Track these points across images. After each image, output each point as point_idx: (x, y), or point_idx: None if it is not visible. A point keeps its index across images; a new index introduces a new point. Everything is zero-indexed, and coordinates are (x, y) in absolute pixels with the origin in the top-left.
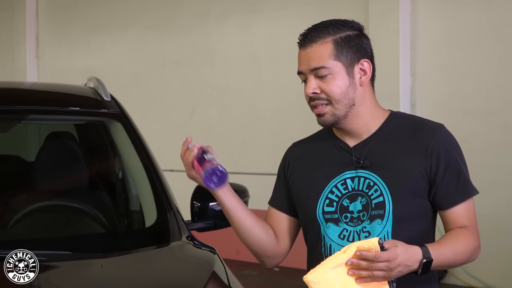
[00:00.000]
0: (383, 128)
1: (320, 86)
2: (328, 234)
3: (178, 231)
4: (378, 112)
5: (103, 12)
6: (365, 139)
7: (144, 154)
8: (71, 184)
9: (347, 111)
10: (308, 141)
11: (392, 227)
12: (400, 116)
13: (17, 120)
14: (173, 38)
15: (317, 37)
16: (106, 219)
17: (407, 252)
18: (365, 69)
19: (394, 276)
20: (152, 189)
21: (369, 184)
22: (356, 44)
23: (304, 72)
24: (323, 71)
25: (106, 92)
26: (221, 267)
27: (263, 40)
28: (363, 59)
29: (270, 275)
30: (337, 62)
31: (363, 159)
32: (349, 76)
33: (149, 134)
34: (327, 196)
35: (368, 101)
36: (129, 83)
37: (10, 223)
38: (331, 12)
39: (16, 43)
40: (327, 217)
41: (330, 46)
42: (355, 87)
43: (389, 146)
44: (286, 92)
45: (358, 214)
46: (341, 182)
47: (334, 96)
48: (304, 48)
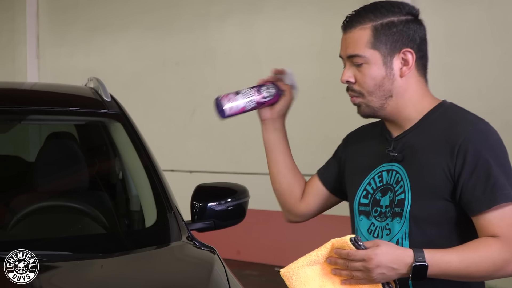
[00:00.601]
0: (424, 120)
1: (355, 75)
2: (360, 227)
3: (178, 231)
4: (424, 104)
5: (104, 12)
6: (406, 131)
7: (144, 154)
8: (72, 184)
9: (383, 103)
10: (368, 126)
11: (409, 227)
12: (446, 108)
13: (17, 121)
14: (173, 38)
15: (357, 22)
16: (106, 219)
17: (392, 254)
18: (408, 59)
19: (377, 279)
20: (152, 189)
21: (398, 179)
22: (399, 32)
23: (342, 57)
24: (358, 60)
25: (106, 93)
26: (221, 267)
27: (263, 41)
28: (406, 48)
29: (270, 275)
30: (374, 50)
31: (398, 151)
32: (386, 67)
33: (149, 134)
34: (365, 188)
35: (411, 93)
36: (129, 83)
37: (11, 223)
38: (331, 12)
39: (16, 43)
40: (361, 209)
41: (368, 33)
42: (392, 79)
43: (423, 140)
44: None
45: (385, 210)
46: (378, 174)
47: (367, 87)
48: (344, 32)
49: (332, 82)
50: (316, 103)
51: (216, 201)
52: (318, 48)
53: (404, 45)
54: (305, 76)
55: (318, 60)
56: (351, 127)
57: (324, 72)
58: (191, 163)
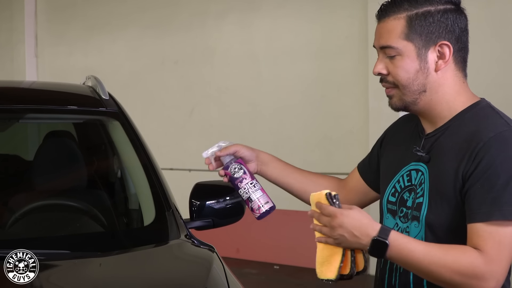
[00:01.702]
0: (456, 119)
1: (388, 67)
2: (386, 225)
3: (177, 230)
4: (458, 102)
5: (102, 11)
6: (436, 129)
7: (143, 152)
8: (70, 183)
9: (416, 98)
10: (405, 118)
11: (425, 234)
12: (479, 109)
13: (15, 119)
14: (172, 37)
15: (391, 11)
16: (104, 217)
17: (358, 221)
18: (444, 52)
19: (338, 240)
20: (150, 188)
21: (421, 181)
22: (436, 22)
23: (375, 47)
24: (390, 51)
25: (104, 91)
26: (219, 266)
27: (262, 39)
28: (443, 40)
29: (270, 273)
30: (408, 42)
31: (426, 151)
32: (421, 60)
33: (148, 133)
34: (394, 185)
35: (446, 89)
36: (128, 82)
37: (9, 222)
38: (329, 11)
39: (15, 42)
40: (389, 207)
41: (402, 23)
42: (427, 73)
43: (449, 143)
44: (285, 91)
45: (407, 211)
46: (407, 172)
47: (401, 80)
48: (378, 21)
49: (330, 80)
50: (314, 102)
51: (215, 199)
52: (316, 47)
53: (440, 37)
54: (303, 75)
55: (317, 58)
56: (349, 125)
57: (322, 70)
58: (190, 162)
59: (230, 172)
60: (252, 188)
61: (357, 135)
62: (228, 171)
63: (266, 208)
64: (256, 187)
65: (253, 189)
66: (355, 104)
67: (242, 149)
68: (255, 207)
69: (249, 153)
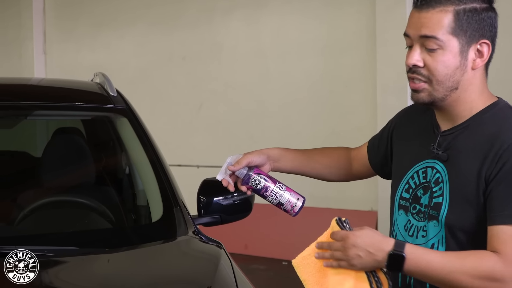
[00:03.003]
0: (475, 119)
1: (425, 59)
2: (397, 221)
3: (185, 226)
4: (480, 101)
5: (109, 7)
6: (454, 127)
7: (151, 149)
8: (78, 179)
9: (447, 94)
10: (418, 109)
11: (445, 234)
12: (498, 109)
13: (24, 116)
14: (179, 33)
15: (438, 2)
16: (112, 214)
17: (371, 237)
18: (483, 51)
19: (353, 260)
20: (158, 184)
21: (438, 180)
22: (481, 20)
23: (411, 36)
24: (432, 44)
25: (112, 88)
26: (227, 262)
27: (269, 35)
28: (484, 39)
29: (278, 269)
30: (453, 37)
31: (444, 149)
32: (462, 57)
33: (156, 130)
34: (408, 181)
35: (475, 88)
36: (135, 78)
37: (18, 218)
38: (337, 7)
39: (23, 39)
40: (401, 203)
41: (450, 16)
42: (464, 70)
43: (469, 142)
44: (293, 87)
45: (424, 209)
46: (423, 169)
47: (438, 75)
48: (419, 10)
49: (338, 76)
50: (322, 97)
51: (222, 196)
52: (323, 43)
53: (483, 36)
54: (311, 71)
55: (324, 54)
56: (357, 121)
57: (330, 66)
58: (198, 158)
59: (252, 186)
60: (279, 192)
61: (364, 130)
62: (249, 185)
63: (299, 205)
64: (282, 189)
65: (280, 193)
66: (362, 100)
67: (253, 158)
68: (288, 208)
69: (260, 158)
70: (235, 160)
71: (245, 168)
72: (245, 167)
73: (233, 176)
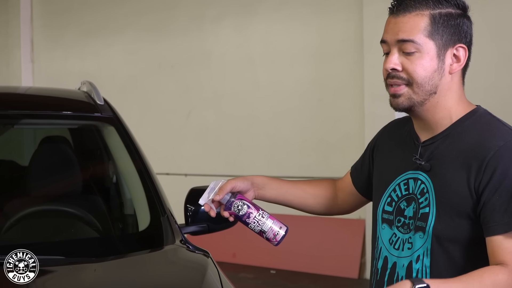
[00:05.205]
0: (455, 127)
1: (403, 63)
2: (382, 235)
3: (172, 235)
4: (459, 108)
5: (98, 16)
6: (434, 136)
7: (138, 157)
8: (65, 188)
9: (426, 99)
10: (397, 123)
11: (431, 245)
12: (479, 116)
13: (10, 125)
14: (168, 41)
15: (414, 6)
16: (99, 223)
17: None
18: (460, 55)
19: None
20: (145, 193)
21: (423, 190)
22: (456, 25)
23: (389, 42)
24: (410, 47)
25: (99, 96)
26: (214, 271)
27: (258, 43)
28: (460, 44)
29: (266, 277)
30: (429, 40)
31: (426, 159)
32: (439, 60)
33: (145, 137)
34: (390, 194)
35: (453, 93)
36: (125, 86)
37: (4, 227)
38: (326, 14)
39: (11, 47)
40: (384, 216)
41: (426, 20)
42: (442, 74)
43: (452, 151)
44: (282, 94)
45: (409, 221)
46: (404, 181)
47: (417, 78)
48: (395, 15)
49: (327, 84)
50: (311, 105)
51: None
52: (313, 50)
53: (459, 40)
54: (300, 78)
55: (313, 61)
56: (346, 129)
57: (319, 73)
58: (186, 166)
59: (234, 212)
60: (261, 219)
61: (353, 138)
62: (232, 211)
63: (282, 233)
64: (265, 217)
65: (263, 220)
66: (351, 108)
67: (237, 184)
68: (270, 237)
69: (244, 185)
70: (218, 185)
71: (228, 194)
72: (229, 192)
73: (216, 202)
